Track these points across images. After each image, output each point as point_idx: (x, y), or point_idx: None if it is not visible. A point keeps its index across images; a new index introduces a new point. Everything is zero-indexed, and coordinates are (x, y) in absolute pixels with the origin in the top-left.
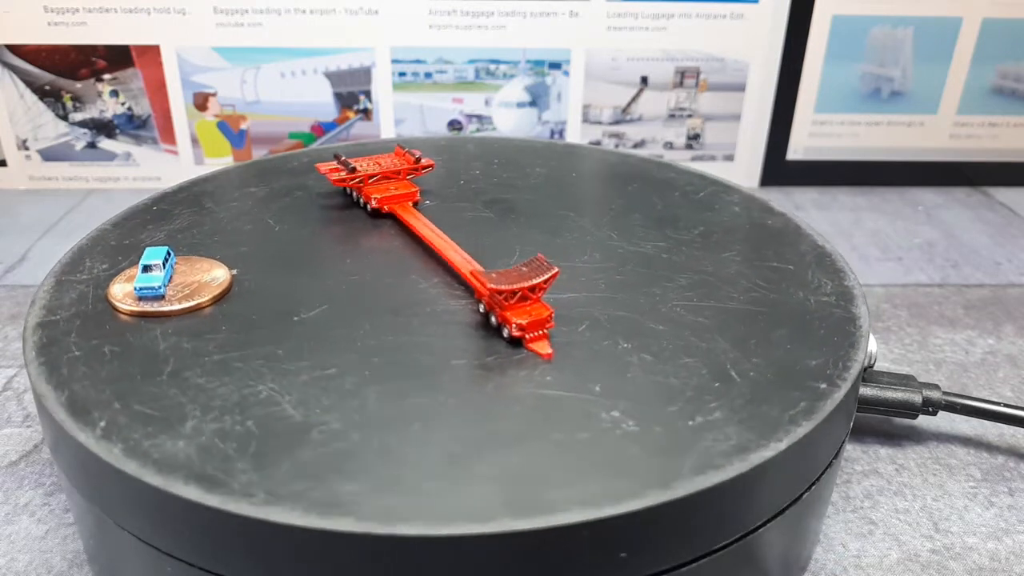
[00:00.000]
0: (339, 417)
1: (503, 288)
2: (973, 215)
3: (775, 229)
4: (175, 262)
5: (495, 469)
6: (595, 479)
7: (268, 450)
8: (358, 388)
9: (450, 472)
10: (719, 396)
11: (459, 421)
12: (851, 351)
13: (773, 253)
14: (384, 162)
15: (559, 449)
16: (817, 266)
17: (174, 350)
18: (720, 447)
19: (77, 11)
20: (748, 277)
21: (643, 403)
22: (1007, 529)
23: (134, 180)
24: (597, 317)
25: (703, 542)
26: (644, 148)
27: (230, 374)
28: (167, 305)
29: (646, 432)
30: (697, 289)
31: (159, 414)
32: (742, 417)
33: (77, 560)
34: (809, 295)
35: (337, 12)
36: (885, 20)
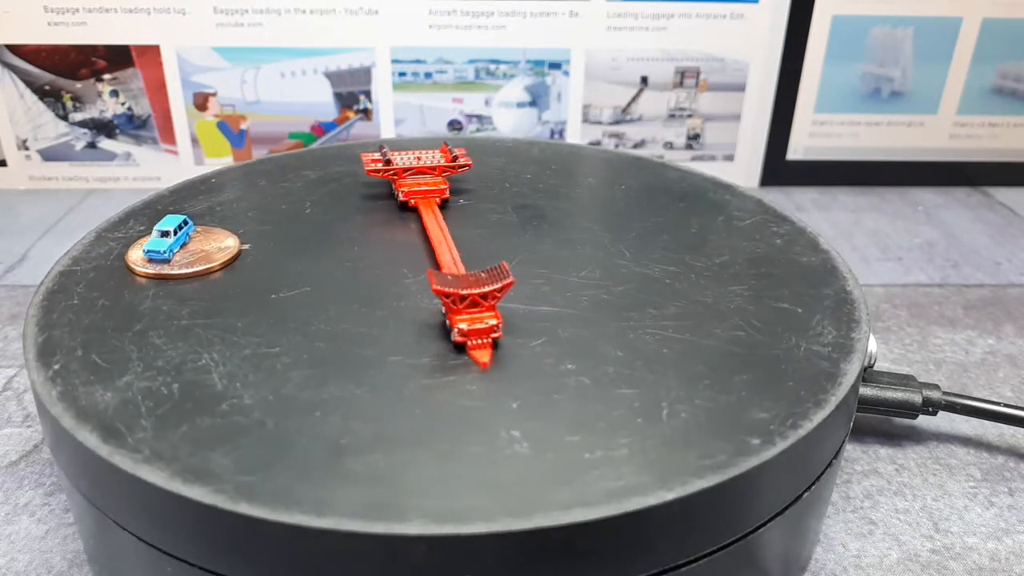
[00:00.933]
0: (254, 394)
1: (449, 291)
2: (973, 215)
3: (808, 267)
4: (192, 231)
5: (360, 467)
6: (459, 495)
7: (174, 413)
8: (287, 369)
9: (321, 464)
10: (634, 434)
11: (358, 416)
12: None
13: (789, 292)
14: (425, 157)
15: (438, 459)
16: (830, 313)
17: (152, 311)
18: (608, 485)
19: (77, 11)
20: (745, 315)
21: (550, 427)
22: (1007, 529)
23: (134, 180)
24: (558, 334)
25: (703, 542)
26: (644, 148)
27: (186, 339)
28: (170, 269)
29: (536, 457)
30: (681, 320)
31: (107, 365)
32: (642, 462)
33: (77, 560)
34: (801, 342)
35: (337, 12)
36: (885, 20)
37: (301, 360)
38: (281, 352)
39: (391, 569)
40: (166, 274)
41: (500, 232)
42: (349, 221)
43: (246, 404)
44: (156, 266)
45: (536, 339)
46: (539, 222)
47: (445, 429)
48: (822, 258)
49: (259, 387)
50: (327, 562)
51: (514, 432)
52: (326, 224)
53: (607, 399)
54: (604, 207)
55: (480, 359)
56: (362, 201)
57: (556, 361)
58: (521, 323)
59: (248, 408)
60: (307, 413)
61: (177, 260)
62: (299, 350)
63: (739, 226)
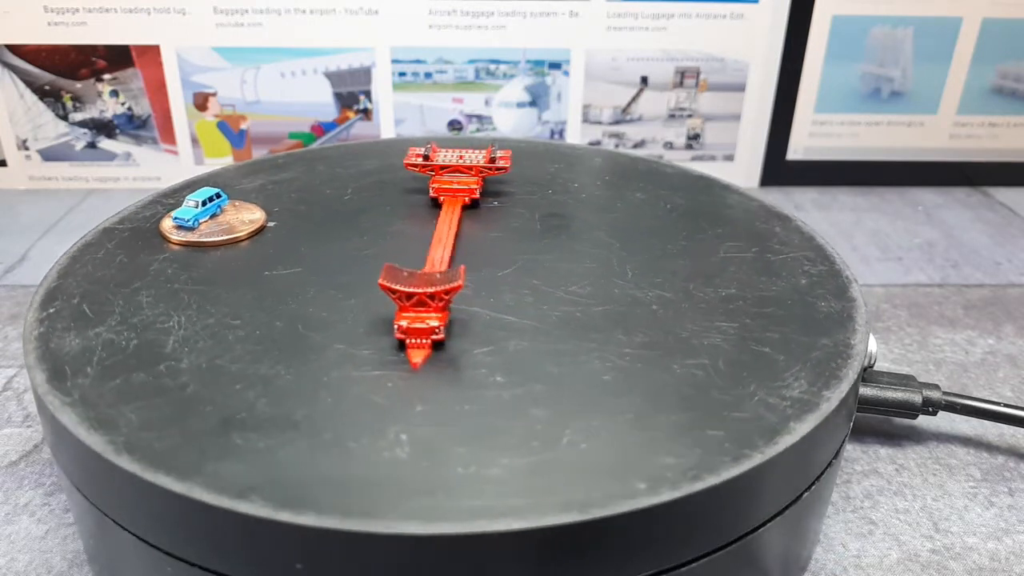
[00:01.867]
0: (192, 360)
1: (394, 287)
2: (973, 215)
3: (821, 313)
4: (225, 204)
5: (238, 442)
6: (301, 486)
7: (117, 366)
8: (237, 342)
9: (208, 433)
10: (522, 456)
11: (271, 395)
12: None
13: (779, 337)
14: (467, 156)
15: (311, 448)
16: (812, 366)
17: (156, 273)
18: (472, 503)
19: (77, 11)
20: (715, 353)
21: (441, 436)
22: (1007, 529)
23: (134, 180)
24: (507, 346)
25: (703, 542)
26: (644, 148)
27: (168, 301)
28: (193, 236)
29: (408, 462)
30: (644, 349)
31: (91, 312)
32: (518, 486)
33: (77, 560)
34: (759, 392)
35: (337, 12)
36: (885, 20)
37: (253, 336)
38: (240, 325)
39: (542, 560)
40: (188, 241)
41: (513, 238)
42: (377, 211)
43: (180, 368)
44: (182, 233)
45: (483, 347)
46: (559, 232)
47: (340, 420)
48: (843, 306)
49: (201, 354)
50: (327, 562)
51: (402, 436)
52: (355, 212)
53: (513, 417)
54: (636, 224)
55: (413, 358)
56: (403, 194)
57: (489, 372)
58: (480, 329)
59: (179, 371)
60: (228, 385)
61: (202, 229)
62: (257, 326)
63: (769, 260)
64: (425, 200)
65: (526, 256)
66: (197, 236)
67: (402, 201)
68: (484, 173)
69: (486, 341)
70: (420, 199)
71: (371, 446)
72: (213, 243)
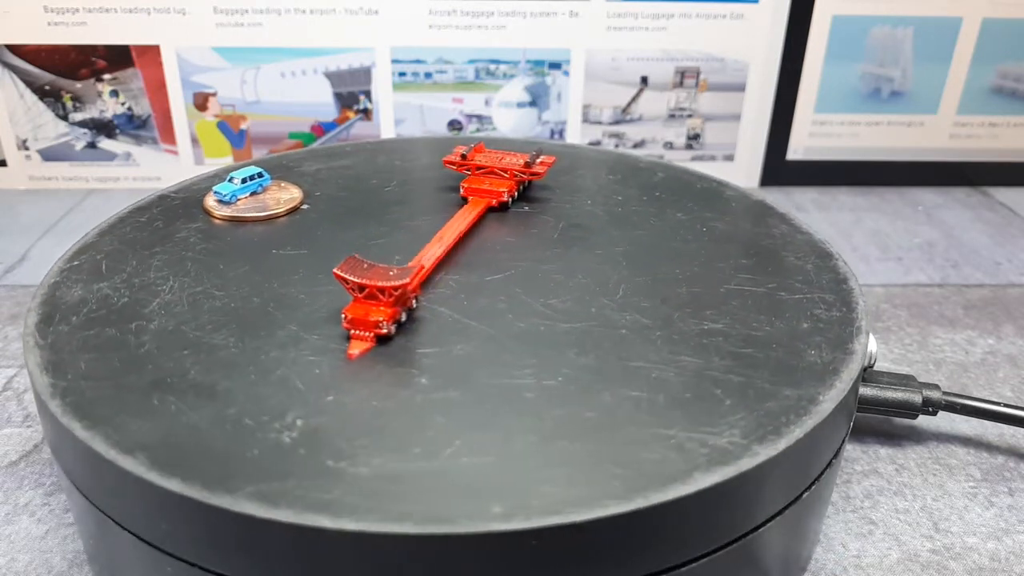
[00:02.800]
0: (161, 322)
1: (346, 277)
2: (973, 215)
3: (807, 362)
4: (267, 183)
5: (136, 402)
6: (169, 455)
7: (97, 314)
8: (208, 312)
9: (123, 388)
10: (389, 458)
11: (202, 364)
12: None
13: (742, 380)
14: (507, 159)
15: (200, 419)
16: (761, 416)
17: (180, 240)
18: (311, 496)
19: (77, 11)
20: (656, 388)
21: (331, 426)
22: (1007, 529)
23: (134, 180)
24: (452, 351)
25: (703, 542)
26: (644, 148)
27: (173, 267)
28: (228, 211)
29: (282, 446)
30: (584, 372)
31: (105, 269)
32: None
33: (77, 560)
34: (684, 442)
35: (337, 12)
36: (885, 20)
37: (226, 307)
38: (221, 296)
39: (542, 561)
40: (222, 215)
41: (524, 245)
42: (409, 205)
43: (148, 327)
44: (220, 206)
45: (427, 348)
46: (574, 244)
47: (252, 397)
48: (835, 358)
49: (172, 318)
50: (327, 561)
51: (298, 421)
52: (387, 203)
53: (411, 420)
54: (658, 245)
55: (350, 349)
56: (443, 191)
57: (418, 373)
58: (435, 330)
59: (145, 331)
60: (177, 349)
61: (239, 205)
62: (234, 299)
63: (780, 299)
64: (460, 199)
65: (525, 264)
66: (231, 211)
67: (439, 198)
68: (518, 177)
69: (435, 343)
70: (456, 197)
71: (263, 426)
72: (243, 218)
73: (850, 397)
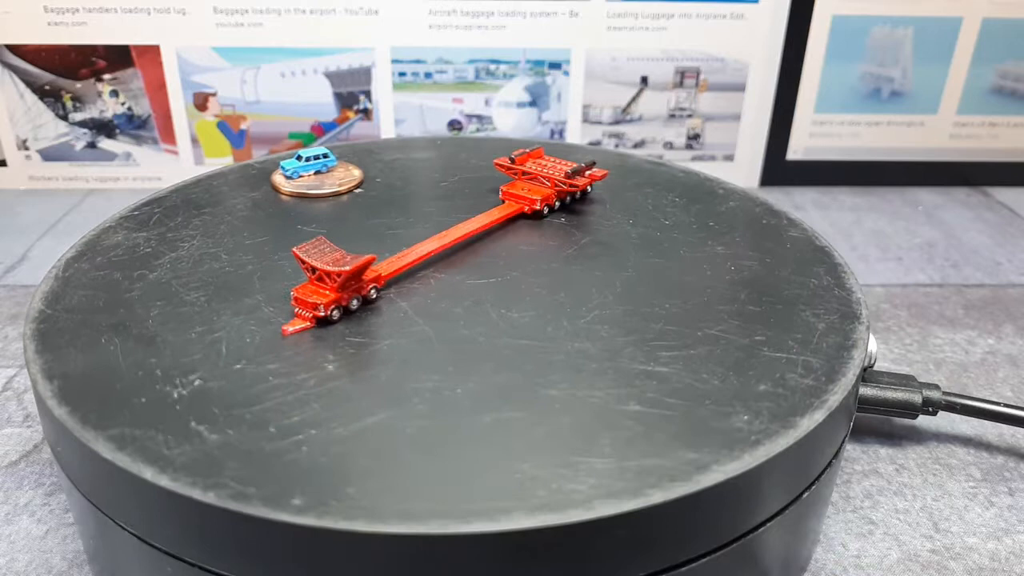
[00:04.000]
0: (158, 273)
1: (301, 257)
2: (973, 215)
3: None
4: (332, 164)
5: (87, 337)
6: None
7: (123, 255)
8: (203, 270)
9: (90, 330)
10: (237, 433)
11: (162, 314)
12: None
13: (635, 422)
14: (551, 168)
15: (117, 361)
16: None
17: (230, 206)
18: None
19: (77, 11)
20: (546, 411)
21: (209, 391)
22: (1007, 529)
23: (134, 180)
24: (379, 346)
25: (703, 542)
26: (644, 148)
27: (205, 227)
28: (286, 184)
29: (168, 404)
30: (486, 390)
31: (155, 221)
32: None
33: (77, 560)
34: (569, 477)
35: (337, 12)
36: (885, 20)
37: (221, 270)
38: (224, 260)
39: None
40: (280, 187)
41: (529, 254)
42: (452, 201)
43: (147, 274)
44: (284, 180)
45: (358, 338)
46: (583, 262)
47: (171, 352)
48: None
49: (172, 270)
50: (327, 561)
51: (196, 381)
52: (431, 197)
53: (285, 401)
54: (668, 277)
55: (288, 325)
56: (493, 193)
57: (333, 359)
58: (381, 324)
59: (144, 276)
60: (152, 297)
61: (299, 181)
62: (233, 264)
63: (764, 354)
64: (500, 202)
65: (516, 274)
66: (290, 185)
67: (484, 198)
68: (558, 188)
69: (370, 335)
70: (498, 200)
71: (167, 379)
72: (296, 193)
73: (850, 397)
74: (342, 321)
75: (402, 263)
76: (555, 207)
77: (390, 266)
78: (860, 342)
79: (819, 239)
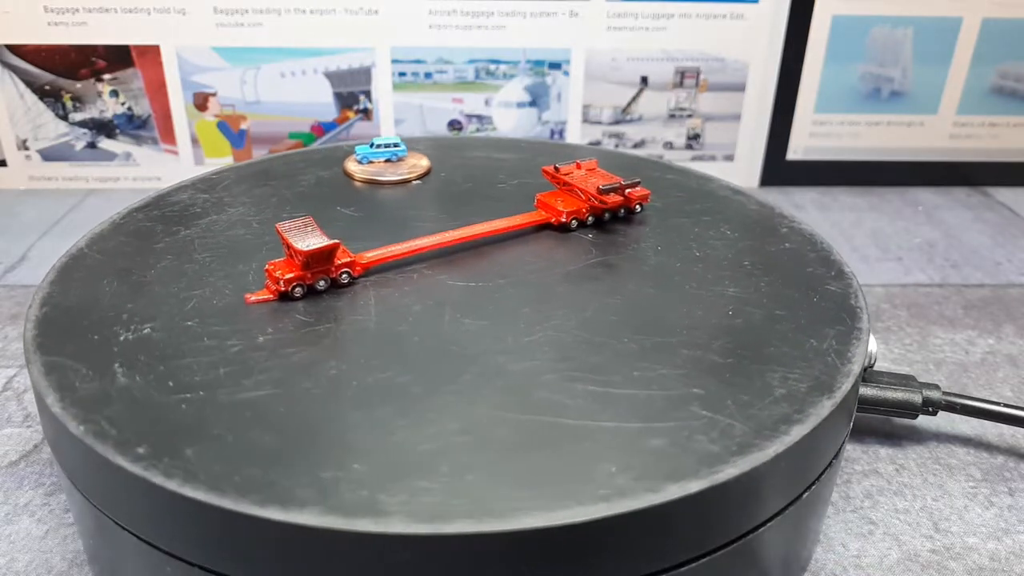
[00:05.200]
0: (191, 232)
1: (280, 232)
2: (973, 215)
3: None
4: (403, 154)
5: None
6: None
7: (177, 211)
8: (229, 236)
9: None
10: (154, 400)
11: (158, 274)
12: (850, 357)
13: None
14: (590, 182)
15: (106, 301)
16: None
17: (294, 182)
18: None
19: (77, 11)
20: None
21: (152, 346)
22: (1007, 529)
23: (134, 180)
24: (318, 330)
25: (703, 542)
26: (644, 148)
27: (259, 198)
28: (355, 168)
29: (126, 343)
30: (374, 394)
31: (216, 191)
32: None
33: (77, 560)
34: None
35: (337, 12)
36: (885, 20)
37: (243, 237)
38: (253, 228)
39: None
40: (349, 171)
41: (531, 266)
42: (496, 203)
43: (180, 230)
44: (353, 164)
45: (307, 318)
46: (578, 282)
47: (148, 299)
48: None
49: (203, 230)
50: (328, 561)
51: (146, 329)
52: (481, 197)
53: (219, 368)
54: (656, 308)
55: (252, 294)
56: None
57: (272, 333)
58: (335, 310)
59: (177, 231)
60: (168, 253)
61: (368, 166)
62: (257, 233)
63: (675, 413)
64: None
65: (503, 282)
66: (358, 169)
67: (527, 204)
68: (591, 202)
69: (318, 316)
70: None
71: (121, 323)
72: (359, 177)
73: (850, 397)
74: (306, 300)
75: (385, 255)
76: (587, 222)
77: (376, 255)
78: (860, 342)
79: (858, 298)
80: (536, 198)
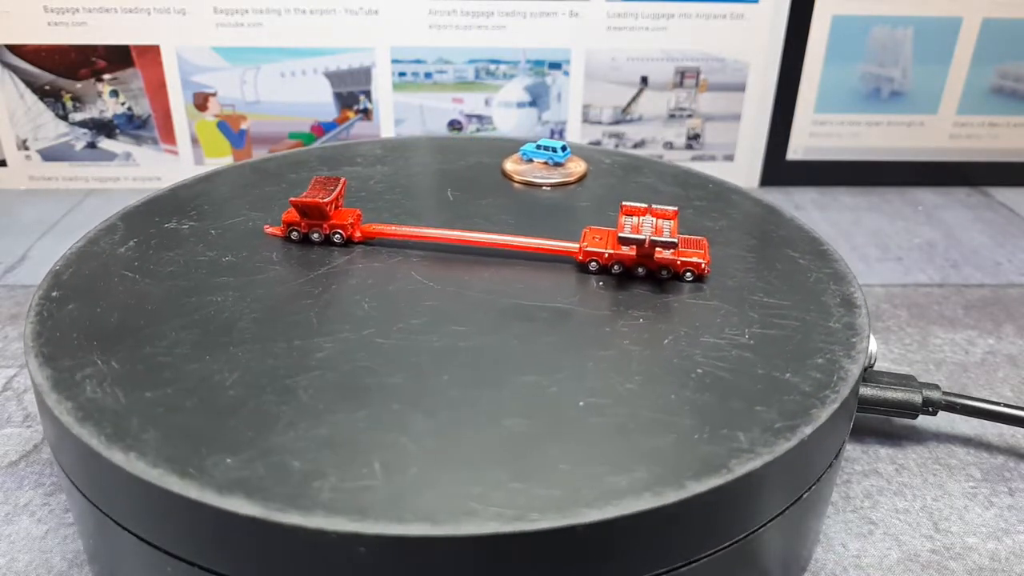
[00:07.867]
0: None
1: (313, 183)
2: (973, 215)
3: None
4: (561, 159)
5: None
6: None
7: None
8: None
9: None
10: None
11: (210, 214)
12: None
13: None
14: (644, 226)
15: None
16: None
17: (427, 172)
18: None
19: (77, 11)
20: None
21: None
22: (1007, 529)
23: (134, 180)
24: (303, 290)
25: (703, 542)
26: (644, 148)
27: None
28: (514, 167)
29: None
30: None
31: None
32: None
33: (77, 560)
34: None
35: (337, 12)
36: (885, 20)
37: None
38: (245, 231)
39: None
40: (507, 168)
41: (526, 276)
42: (601, 219)
43: (173, 233)
44: (513, 162)
45: (300, 270)
46: (541, 324)
47: (200, 229)
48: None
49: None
50: (328, 561)
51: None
52: (601, 210)
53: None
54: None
55: (271, 225)
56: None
57: (261, 265)
58: (317, 261)
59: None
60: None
61: (530, 166)
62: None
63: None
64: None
65: (491, 287)
66: (516, 167)
67: (609, 219)
68: (610, 249)
69: (308, 267)
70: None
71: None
72: (511, 175)
73: (850, 397)
74: (314, 248)
75: (385, 231)
76: (611, 270)
77: (376, 229)
78: (860, 342)
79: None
80: (585, 229)
